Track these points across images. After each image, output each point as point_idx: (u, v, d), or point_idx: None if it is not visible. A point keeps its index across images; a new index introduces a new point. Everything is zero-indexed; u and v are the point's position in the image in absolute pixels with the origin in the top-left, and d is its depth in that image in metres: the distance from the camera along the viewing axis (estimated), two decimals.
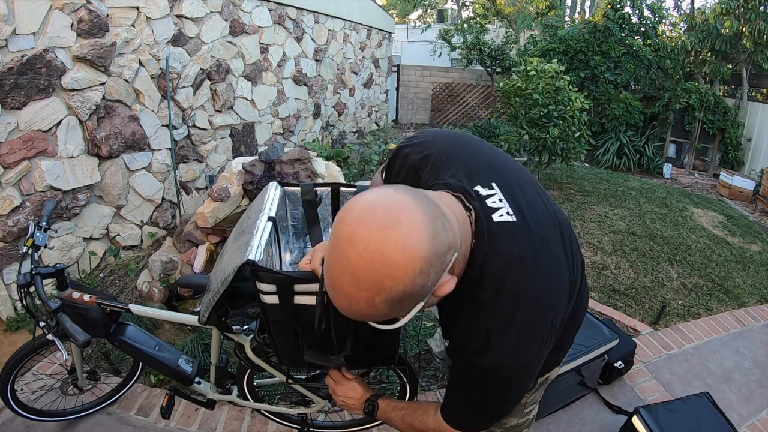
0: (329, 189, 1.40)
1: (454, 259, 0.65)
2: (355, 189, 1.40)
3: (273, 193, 1.31)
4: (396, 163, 0.95)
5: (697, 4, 14.82)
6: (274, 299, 1.01)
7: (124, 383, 2.01)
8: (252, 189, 2.79)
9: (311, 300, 1.01)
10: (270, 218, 1.18)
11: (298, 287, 0.99)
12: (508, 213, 0.75)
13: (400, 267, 0.56)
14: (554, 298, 0.75)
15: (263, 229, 1.13)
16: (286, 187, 1.39)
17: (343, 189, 1.39)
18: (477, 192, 0.76)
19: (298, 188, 1.39)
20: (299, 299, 1.01)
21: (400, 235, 0.56)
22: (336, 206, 1.42)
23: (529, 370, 0.76)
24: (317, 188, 1.39)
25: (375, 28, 7.67)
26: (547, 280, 0.75)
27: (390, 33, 8.56)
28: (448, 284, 0.66)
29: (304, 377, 1.61)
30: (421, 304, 0.64)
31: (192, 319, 1.46)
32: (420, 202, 0.60)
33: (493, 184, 0.78)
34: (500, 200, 0.76)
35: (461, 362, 0.79)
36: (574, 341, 1.12)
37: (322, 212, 1.44)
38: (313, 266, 0.92)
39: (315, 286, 0.98)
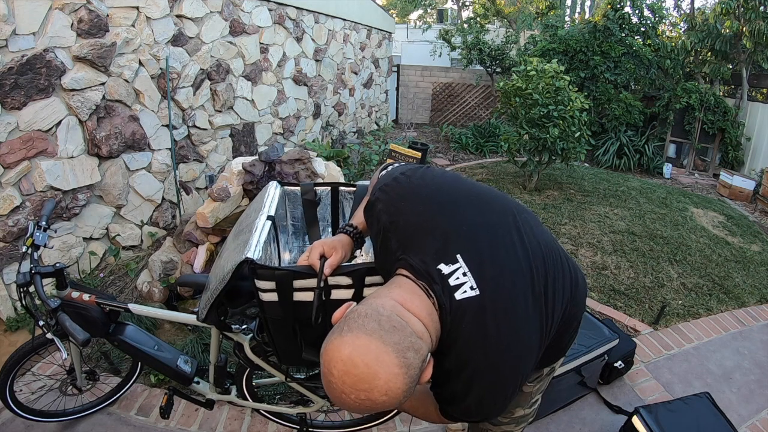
0: (329, 189, 1.40)
1: (428, 358, 0.76)
2: (354, 188, 1.40)
3: (273, 192, 1.31)
4: (371, 217, 0.99)
5: (697, 4, 14.83)
6: (273, 297, 1.01)
7: (124, 383, 2.01)
8: (252, 189, 2.79)
9: (310, 296, 1.01)
10: (269, 217, 1.19)
11: (296, 283, 0.99)
12: (471, 288, 0.80)
13: (388, 401, 0.70)
14: (515, 368, 0.82)
15: (262, 227, 1.13)
16: (286, 187, 1.39)
17: (342, 189, 1.39)
18: (439, 271, 0.81)
19: (298, 188, 1.40)
20: (298, 296, 1.01)
21: (381, 384, 0.68)
22: (336, 206, 1.42)
23: (499, 410, 0.85)
24: (317, 188, 1.40)
25: (375, 28, 7.67)
26: (508, 353, 0.81)
27: (390, 33, 8.56)
28: (426, 372, 0.76)
29: (303, 377, 1.61)
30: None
31: (191, 319, 1.46)
32: (389, 342, 0.70)
33: (458, 257, 0.82)
34: (464, 274, 0.81)
35: (442, 399, 0.89)
36: (574, 341, 1.14)
37: (321, 212, 1.44)
38: (311, 262, 0.97)
39: (314, 282, 0.99)
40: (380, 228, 0.93)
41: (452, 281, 0.80)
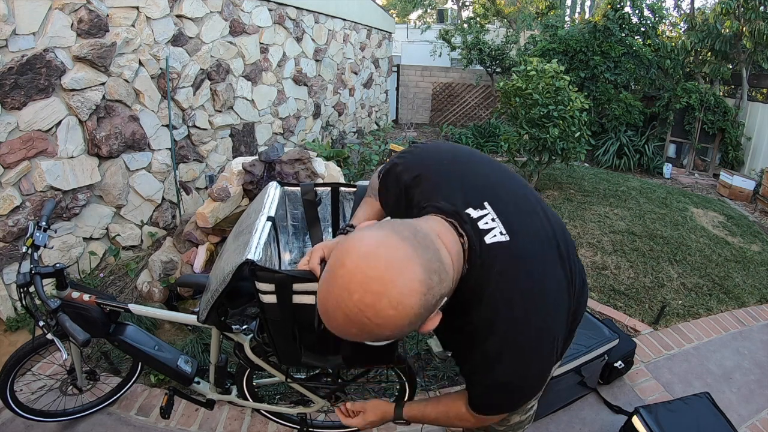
0: (329, 189, 1.40)
1: (444, 303, 0.68)
2: (354, 189, 1.40)
3: (273, 192, 1.31)
4: (389, 181, 0.95)
5: (697, 4, 14.81)
6: (272, 299, 1.01)
7: (124, 383, 2.00)
8: (252, 189, 2.79)
9: (310, 299, 1.01)
10: (269, 218, 1.19)
11: (296, 286, 0.99)
12: (501, 233, 0.76)
13: (390, 320, 0.59)
14: (550, 319, 0.76)
15: (262, 228, 1.13)
16: (286, 187, 1.39)
17: (342, 189, 1.39)
18: (468, 215, 0.77)
19: (298, 188, 1.40)
20: (298, 299, 1.01)
21: (395, 293, 0.58)
22: (336, 206, 1.42)
23: (537, 380, 0.79)
24: (317, 188, 1.39)
25: (375, 28, 7.67)
26: (541, 301, 0.75)
27: (390, 33, 8.56)
28: (432, 321, 0.68)
29: (303, 377, 1.61)
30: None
31: (192, 319, 1.46)
32: (420, 254, 0.62)
33: (486, 204, 0.79)
34: (492, 220, 0.77)
35: (474, 375, 0.82)
36: (573, 341, 1.13)
37: (322, 212, 1.44)
38: (311, 266, 0.92)
39: (313, 286, 0.98)
40: (401, 188, 0.90)
41: (481, 225, 0.76)
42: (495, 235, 0.75)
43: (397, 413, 1.09)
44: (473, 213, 0.77)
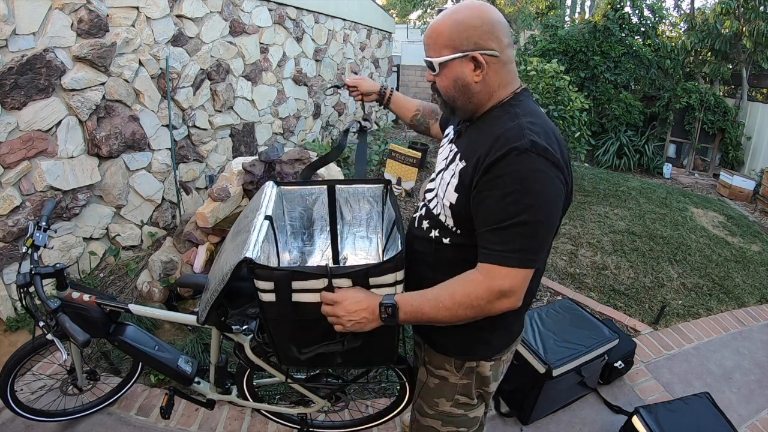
0: (326, 187, 1.40)
1: (478, 52, 0.94)
2: (354, 187, 1.40)
3: (270, 192, 1.31)
4: None
5: (697, 4, 14.81)
6: (272, 297, 1.01)
7: (124, 383, 2.01)
8: (252, 189, 2.79)
9: (309, 297, 1.01)
10: (267, 217, 1.18)
11: (295, 284, 0.99)
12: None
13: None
14: (563, 143, 0.97)
15: (260, 227, 1.13)
16: (282, 187, 1.38)
17: (339, 187, 1.38)
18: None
19: (295, 187, 1.39)
20: (297, 297, 1.01)
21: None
22: (333, 205, 1.41)
23: (552, 154, 0.89)
24: (314, 185, 1.39)
25: (375, 28, 7.67)
26: (559, 134, 0.98)
27: (390, 33, 8.56)
28: (466, 68, 0.96)
29: (303, 377, 1.61)
30: (459, 55, 0.94)
31: (191, 319, 1.46)
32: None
33: None
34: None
35: (500, 170, 0.89)
36: (572, 341, 1.13)
37: (318, 211, 1.43)
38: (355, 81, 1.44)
39: (312, 283, 0.98)
40: None
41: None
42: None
43: (386, 303, 0.95)
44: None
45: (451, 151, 1.07)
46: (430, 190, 1.13)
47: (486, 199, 0.90)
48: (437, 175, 1.10)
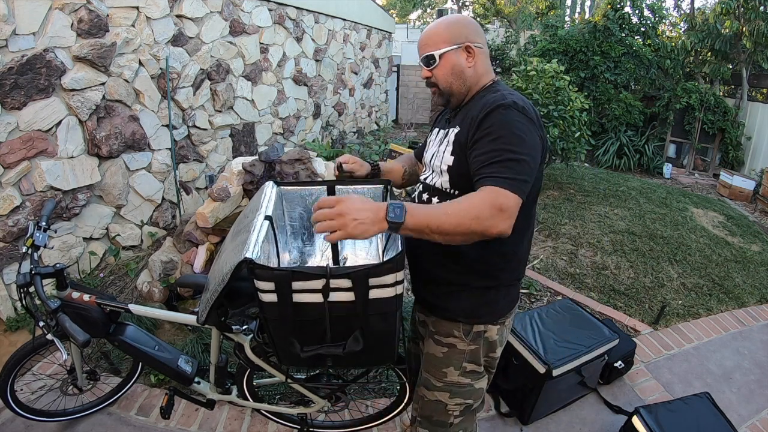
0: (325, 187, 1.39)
1: (469, 43, 1.17)
2: (354, 187, 1.40)
3: (269, 192, 1.31)
4: None
5: (697, 4, 14.82)
6: (272, 297, 1.01)
7: (124, 383, 2.01)
8: (252, 189, 2.79)
9: (309, 298, 1.01)
10: (267, 217, 1.18)
11: (295, 285, 0.99)
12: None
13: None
14: (534, 107, 1.14)
15: (260, 227, 1.12)
16: (282, 187, 1.38)
17: (339, 187, 1.38)
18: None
19: (295, 188, 1.39)
20: (297, 297, 1.01)
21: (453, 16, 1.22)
22: None
23: (529, 113, 1.08)
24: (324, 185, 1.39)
25: (375, 28, 7.67)
26: (530, 102, 1.14)
27: (390, 33, 8.55)
28: (461, 57, 1.17)
29: (303, 377, 1.61)
30: (455, 47, 1.16)
31: (191, 319, 1.46)
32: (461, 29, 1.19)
33: None
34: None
35: (491, 121, 1.06)
36: (572, 341, 1.14)
37: None
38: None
39: (313, 284, 0.98)
40: None
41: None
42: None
43: (395, 205, 0.92)
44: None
45: (443, 131, 1.26)
46: (424, 175, 1.32)
47: (480, 142, 1.07)
48: (431, 156, 1.26)
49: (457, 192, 1.16)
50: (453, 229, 0.94)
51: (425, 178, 1.29)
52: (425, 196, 1.26)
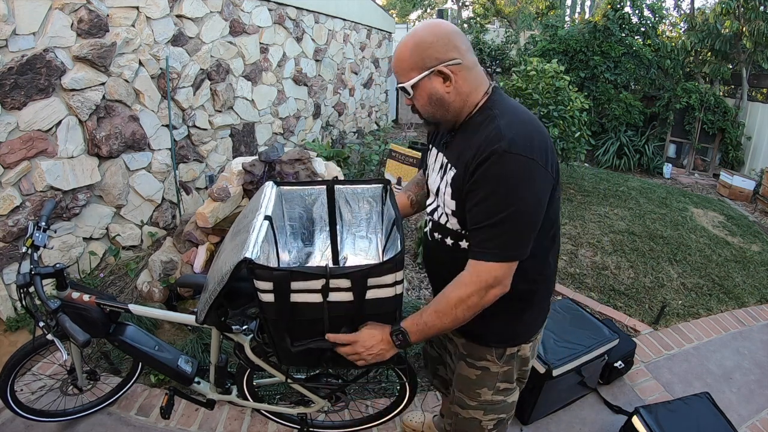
0: (324, 187, 1.39)
1: (441, 65, 1.00)
2: (353, 187, 1.40)
3: (269, 192, 1.31)
4: None
5: (697, 4, 14.82)
6: (271, 297, 1.01)
7: (124, 383, 2.01)
8: (252, 189, 2.79)
9: (308, 298, 1.01)
10: (266, 217, 1.18)
11: (295, 285, 0.99)
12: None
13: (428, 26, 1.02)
14: (543, 131, 1.03)
15: (259, 227, 1.12)
16: (282, 187, 1.38)
17: (338, 187, 1.38)
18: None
19: (295, 188, 1.39)
20: (296, 297, 1.01)
21: (431, 23, 1.04)
22: (332, 205, 1.41)
23: (530, 150, 0.95)
24: (314, 186, 1.39)
25: (375, 28, 7.67)
26: (532, 116, 1.05)
27: (390, 33, 8.55)
28: (435, 83, 1.02)
29: (303, 377, 1.61)
30: (426, 73, 1.00)
31: (191, 319, 1.46)
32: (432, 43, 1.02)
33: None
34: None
35: (482, 173, 0.97)
36: (572, 341, 1.15)
37: (318, 211, 1.43)
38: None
39: (312, 283, 0.98)
40: None
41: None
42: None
43: (397, 331, 1.04)
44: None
45: (442, 160, 1.15)
46: (431, 205, 1.22)
47: (471, 201, 1.01)
48: (436, 188, 1.17)
49: (467, 232, 1.10)
50: (453, 323, 1.02)
51: (432, 212, 1.21)
52: (437, 236, 1.19)
